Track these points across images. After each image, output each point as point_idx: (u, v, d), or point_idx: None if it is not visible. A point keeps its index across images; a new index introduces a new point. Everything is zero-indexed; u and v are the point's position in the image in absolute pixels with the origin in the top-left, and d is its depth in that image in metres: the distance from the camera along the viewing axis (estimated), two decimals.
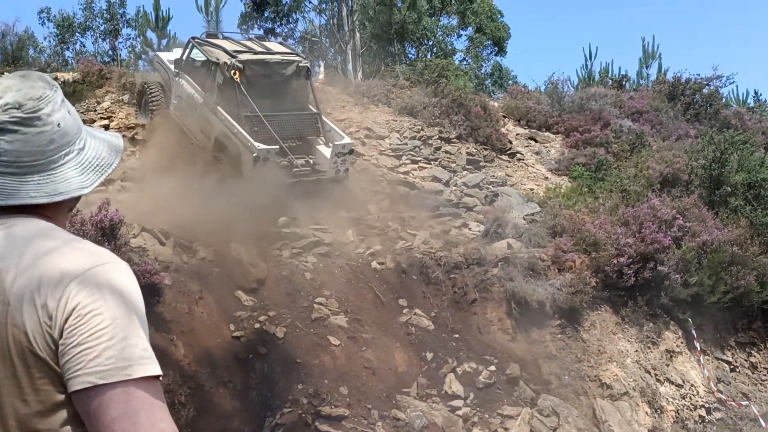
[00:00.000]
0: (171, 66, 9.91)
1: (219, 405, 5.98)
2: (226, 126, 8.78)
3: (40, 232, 1.41)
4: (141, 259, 6.31)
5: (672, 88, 15.65)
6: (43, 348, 1.30)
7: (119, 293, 1.33)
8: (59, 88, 1.51)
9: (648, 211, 8.72)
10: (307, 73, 9.62)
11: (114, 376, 1.26)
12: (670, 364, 8.16)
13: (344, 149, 9.11)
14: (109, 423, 1.25)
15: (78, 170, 1.48)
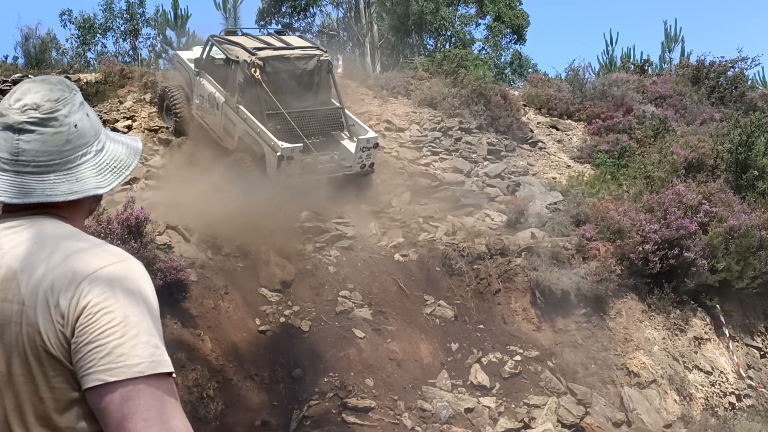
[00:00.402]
0: (191, 65, 9.89)
1: (247, 398, 6.06)
2: (248, 125, 8.74)
3: (55, 233, 1.44)
4: (167, 256, 6.41)
5: (696, 72, 15.37)
6: (57, 347, 1.32)
7: (131, 291, 1.35)
8: (78, 91, 1.54)
9: (673, 197, 8.61)
10: (329, 66, 9.50)
11: (125, 373, 1.28)
12: (699, 351, 8.07)
13: (369, 143, 8.99)
14: (121, 420, 1.27)
15: (95, 171, 1.51)
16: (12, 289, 1.37)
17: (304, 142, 8.59)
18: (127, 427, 1.27)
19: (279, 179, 8.31)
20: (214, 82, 9.48)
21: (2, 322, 1.36)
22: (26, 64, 15.20)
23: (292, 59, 9.17)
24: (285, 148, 8.24)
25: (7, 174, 1.45)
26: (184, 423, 1.32)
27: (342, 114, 9.40)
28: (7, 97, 1.49)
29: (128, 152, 1.60)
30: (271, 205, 8.03)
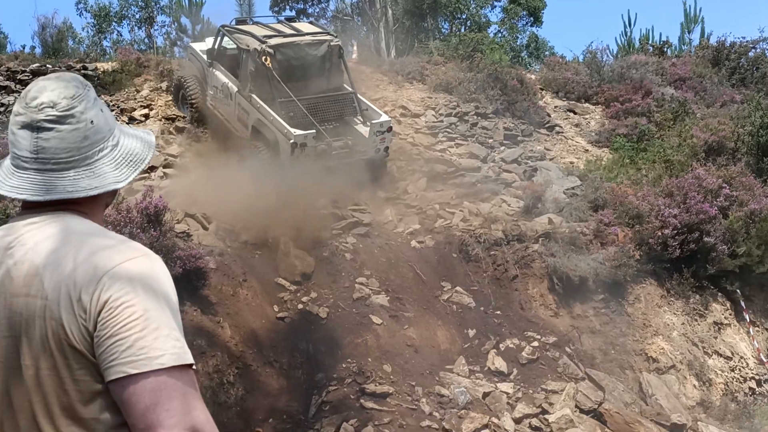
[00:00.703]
0: (204, 56, 9.88)
1: (266, 384, 6.13)
2: (261, 113, 8.73)
3: (79, 230, 1.47)
4: (186, 244, 6.46)
5: (716, 53, 15.10)
6: (80, 340, 1.36)
7: (151, 286, 1.38)
8: (91, 87, 1.57)
9: (693, 181, 8.51)
10: (340, 51, 9.46)
11: (147, 365, 1.31)
12: (719, 336, 8.01)
13: (382, 127, 8.95)
14: (143, 411, 1.31)
15: (112, 165, 1.54)
16: (35, 285, 1.40)
17: (318, 129, 8.57)
18: (149, 418, 1.30)
19: (293, 167, 8.28)
20: (226, 72, 9.47)
21: (27, 317, 1.39)
22: (43, 53, 15.30)
23: (302, 46, 9.14)
24: (298, 135, 8.22)
25: (28, 172, 1.48)
26: (204, 413, 1.35)
27: (355, 99, 9.36)
28: (22, 97, 1.52)
29: (143, 146, 1.63)
30: (286, 192, 8.05)
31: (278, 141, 8.50)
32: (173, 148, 9.42)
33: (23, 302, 1.40)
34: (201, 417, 1.34)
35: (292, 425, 5.74)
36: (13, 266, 1.44)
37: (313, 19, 18.30)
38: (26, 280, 1.41)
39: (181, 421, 1.31)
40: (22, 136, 1.48)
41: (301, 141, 8.25)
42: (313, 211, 8.11)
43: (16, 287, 1.42)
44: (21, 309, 1.40)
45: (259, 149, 8.73)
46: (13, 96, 10.11)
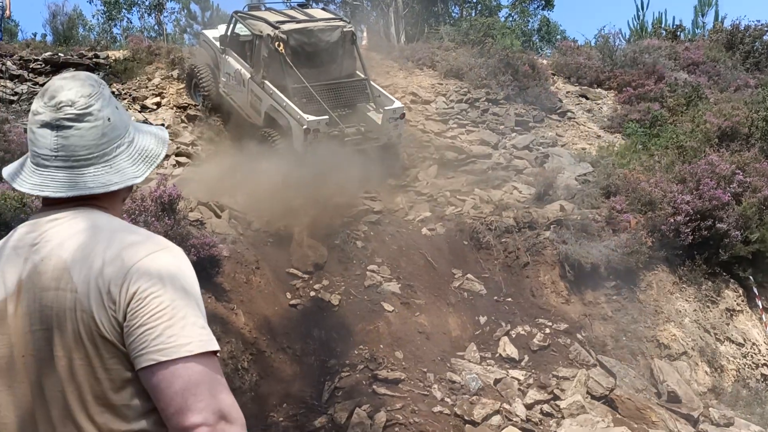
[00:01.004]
0: (217, 43, 9.87)
1: (280, 370, 6.20)
2: (274, 100, 8.73)
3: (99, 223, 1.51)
4: (199, 232, 6.52)
5: (730, 37, 14.91)
6: (110, 331, 1.41)
7: (175, 276, 1.44)
8: (106, 86, 1.61)
9: (706, 167, 8.46)
10: (353, 37, 9.39)
11: (176, 353, 1.37)
12: (731, 322, 8.00)
13: (395, 113, 8.94)
14: (173, 396, 1.36)
15: (130, 161, 1.58)
16: (65, 279, 1.44)
17: (330, 115, 8.57)
18: (179, 403, 1.36)
19: (306, 153, 8.29)
20: (239, 59, 9.45)
21: (58, 310, 1.44)
22: (54, 41, 15.36)
23: (315, 31, 9.12)
24: (311, 121, 8.23)
25: (49, 169, 1.52)
26: (230, 397, 1.41)
27: (367, 85, 9.35)
28: (39, 96, 1.55)
29: (157, 142, 1.67)
30: (299, 180, 8.07)
31: (291, 127, 8.50)
32: (185, 137, 9.46)
33: (53, 296, 1.44)
34: (227, 401, 1.40)
35: (306, 410, 5.81)
36: (41, 262, 1.48)
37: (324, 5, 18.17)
38: (55, 275, 1.45)
39: (209, 405, 1.37)
40: (42, 135, 1.52)
41: (315, 127, 8.25)
42: (326, 198, 8.13)
43: (45, 282, 1.46)
44: (51, 302, 1.44)
45: (272, 136, 8.72)
46: (25, 85, 10.17)
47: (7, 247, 1.55)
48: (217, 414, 1.37)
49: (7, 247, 1.55)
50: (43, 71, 10.75)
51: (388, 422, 5.50)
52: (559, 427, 5.84)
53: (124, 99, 10.13)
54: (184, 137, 9.44)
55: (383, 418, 5.53)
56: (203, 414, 1.36)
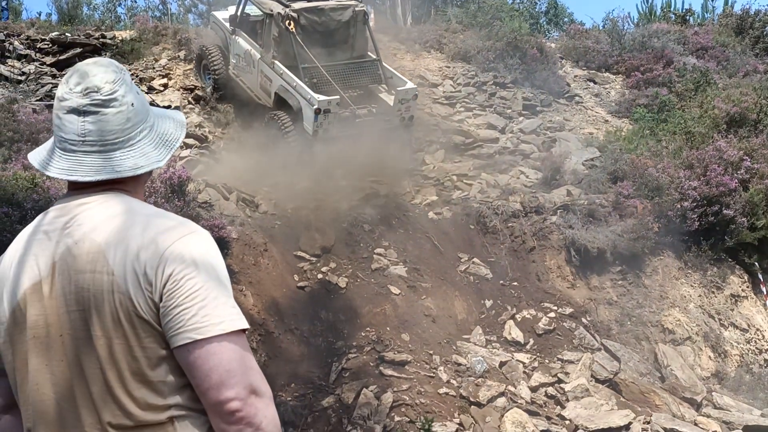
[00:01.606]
0: (227, 24, 9.78)
1: (288, 351, 6.26)
2: (284, 80, 8.62)
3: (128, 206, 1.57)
4: (208, 214, 6.56)
5: (740, 21, 14.79)
6: (147, 311, 1.48)
7: (206, 259, 1.51)
8: (127, 72, 1.66)
9: (713, 153, 8.46)
10: (365, 17, 9.24)
11: (210, 331, 1.45)
12: (735, 308, 8.04)
13: (408, 95, 8.78)
14: (208, 371, 1.45)
15: (152, 145, 1.63)
16: (100, 261, 1.50)
17: (341, 96, 8.45)
18: (213, 378, 1.45)
19: (316, 134, 8.22)
20: (249, 39, 9.35)
21: (95, 292, 1.50)
22: (59, 20, 15.33)
23: (326, 10, 9.01)
24: (322, 101, 8.12)
25: (76, 154, 1.57)
26: (259, 372, 1.51)
27: (379, 66, 9.21)
28: (64, 83, 1.60)
29: (175, 126, 1.73)
30: (307, 162, 8.08)
31: (301, 107, 8.39)
32: (192, 118, 9.47)
33: (89, 278, 1.50)
34: (256, 376, 1.50)
35: (314, 390, 5.88)
36: (74, 245, 1.53)
37: None
38: (90, 258, 1.51)
39: (241, 380, 1.46)
40: (69, 120, 1.56)
41: (325, 107, 8.14)
42: (333, 181, 8.15)
43: (80, 264, 1.51)
44: (88, 284, 1.50)
45: (280, 117, 8.62)
46: (33, 65, 10.17)
47: (38, 231, 1.60)
48: (248, 388, 1.47)
49: (38, 231, 1.60)
50: (50, 51, 10.74)
51: (394, 403, 5.57)
52: (564, 410, 5.90)
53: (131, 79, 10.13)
54: (192, 118, 9.44)
55: (390, 398, 5.59)
56: (236, 389, 1.45)
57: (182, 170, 6.22)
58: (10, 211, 4.66)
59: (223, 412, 1.46)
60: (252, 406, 1.47)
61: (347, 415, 5.50)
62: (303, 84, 8.38)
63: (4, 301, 1.58)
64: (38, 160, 1.64)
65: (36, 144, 6.45)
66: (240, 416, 1.46)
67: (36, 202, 4.77)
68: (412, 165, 9.12)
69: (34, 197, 4.80)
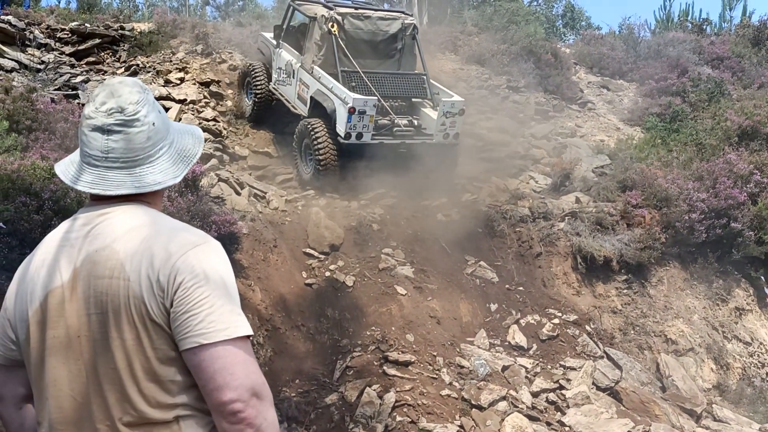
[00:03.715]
0: (273, 41, 9.58)
1: (293, 347, 6.35)
2: (322, 83, 8.30)
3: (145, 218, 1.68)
4: (220, 209, 6.65)
5: (757, 33, 14.75)
6: (159, 315, 1.59)
7: (215, 269, 1.62)
8: (150, 92, 1.77)
9: (723, 166, 8.46)
10: (414, 31, 8.81)
11: (216, 336, 1.57)
12: (739, 321, 8.06)
13: (454, 108, 8.26)
14: (212, 374, 1.56)
15: (171, 162, 1.75)
16: (117, 268, 1.61)
17: (381, 103, 8.08)
18: (217, 381, 1.56)
19: (348, 137, 7.84)
20: (291, 49, 9.15)
21: (112, 296, 1.61)
22: (78, 8, 15.52)
23: (373, 18, 8.64)
24: (357, 99, 7.74)
25: (99, 169, 1.69)
26: (261, 377, 1.61)
27: (426, 80, 8.75)
28: (91, 101, 1.72)
29: (193, 141, 1.84)
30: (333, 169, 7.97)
31: (335, 108, 8.02)
32: (207, 113, 9.56)
33: (107, 284, 1.62)
34: (258, 380, 1.60)
35: (317, 387, 5.96)
36: (95, 253, 1.65)
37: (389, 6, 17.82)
38: (109, 265, 1.62)
39: (243, 383, 1.56)
40: (94, 138, 1.69)
41: (360, 107, 7.72)
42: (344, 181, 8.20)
43: (99, 271, 1.63)
44: (106, 289, 1.62)
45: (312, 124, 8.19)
46: (52, 54, 10.30)
47: (60, 239, 1.72)
48: (250, 391, 1.57)
49: (61, 238, 1.72)
50: (70, 41, 10.88)
51: (397, 403, 5.65)
52: (564, 416, 5.96)
53: (148, 72, 10.24)
54: (207, 113, 9.54)
55: (392, 398, 5.67)
56: (238, 391, 1.55)
57: (196, 165, 6.31)
58: (27, 201, 4.75)
59: (226, 413, 1.56)
60: (253, 408, 1.56)
61: (350, 413, 5.58)
62: (340, 84, 8.06)
63: (29, 301, 1.70)
64: (66, 174, 1.76)
65: (53, 133, 6.57)
66: (241, 417, 1.55)
67: (53, 192, 4.86)
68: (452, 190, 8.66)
69: (51, 187, 4.89)
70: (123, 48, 11.02)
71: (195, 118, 9.26)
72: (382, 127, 8.11)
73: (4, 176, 4.85)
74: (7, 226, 4.54)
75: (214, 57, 10.80)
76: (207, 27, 11.58)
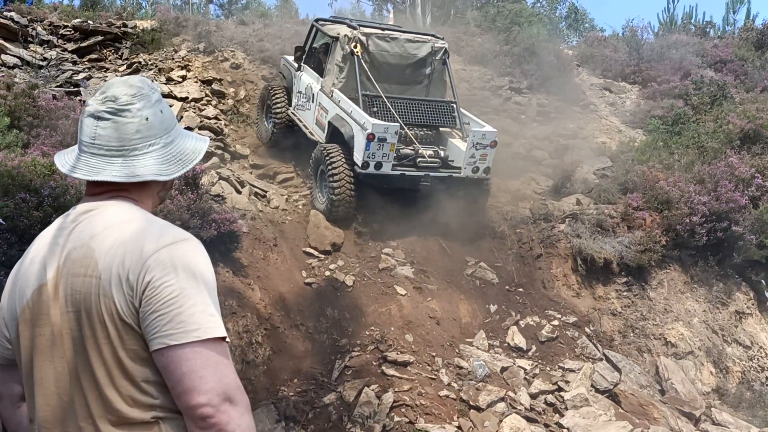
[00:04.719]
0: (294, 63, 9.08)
1: (292, 346, 6.35)
2: (341, 107, 7.67)
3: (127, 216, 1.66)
4: (220, 207, 6.65)
5: (760, 36, 14.72)
6: (129, 314, 1.56)
7: (188, 267, 1.57)
8: (157, 91, 1.77)
9: (725, 169, 8.45)
10: (445, 55, 8.23)
11: (184, 338, 1.52)
12: (739, 325, 8.04)
13: (485, 139, 7.50)
14: (180, 377, 1.52)
15: (160, 160, 1.72)
16: (91, 266, 1.60)
17: (404, 131, 7.45)
18: (185, 384, 1.51)
19: (366, 166, 7.16)
20: (312, 72, 8.62)
21: (85, 294, 1.60)
22: (82, 5, 15.54)
23: (400, 40, 8.00)
24: (376, 125, 7.04)
25: (85, 155, 1.70)
26: (235, 381, 1.55)
27: (456, 109, 8.04)
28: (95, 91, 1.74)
29: (194, 148, 1.81)
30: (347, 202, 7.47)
31: (353, 135, 7.34)
32: (209, 111, 9.56)
33: (81, 281, 1.60)
34: (232, 384, 1.53)
35: (316, 386, 5.96)
36: (73, 249, 1.64)
37: None
38: (84, 262, 1.61)
39: (214, 387, 1.50)
40: (87, 124, 1.71)
41: (380, 133, 7.02)
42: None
43: (75, 268, 1.62)
44: (80, 287, 1.60)
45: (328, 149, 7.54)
46: (54, 51, 10.30)
47: (51, 236, 1.72)
48: (221, 396, 1.51)
49: (52, 235, 1.72)
50: (72, 38, 10.89)
51: (395, 403, 5.64)
52: (562, 418, 5.95)
53: (150, 70, 10.24)
54: (208, 111, 9.54)
55: (390, 398, 5.66)
56: (208, 395, 1.49)
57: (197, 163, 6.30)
58: (27, 197, 4.75)
59: (195, 417, 1.50)
60: (225, 413, 1.50)
61: (348, 412, 5.58)
62: (359, 109, 7.40)
63: (19, 299, 1.70)
64: (60, 159, 1.77)
65: (54, 130, 6.58)
66: (212, 422, 1.49)
67: (53, 189, 4.86)
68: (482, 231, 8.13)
69: (51, 184, 4.89)
70: (125, 45, 11.02)
71: (196, 116, 9.26)
72: (405, 157, 7.50)
73: (4, 172, 4.85)
74: (6, 222, 4.55)
75: (217, 55, 10.80)
76: (209, 25, 11.58)
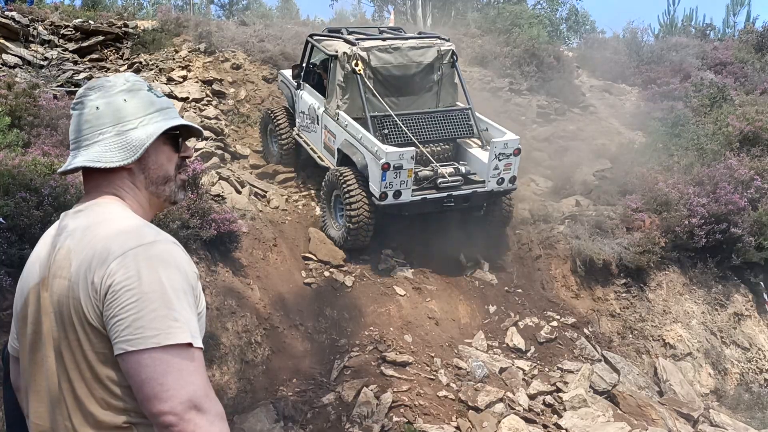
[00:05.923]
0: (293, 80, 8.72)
1: (292, 346, 6.37)
2: (349, 133, 7.25)
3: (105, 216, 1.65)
4: (221, 207, 6.66)
5: (760, 38, 14.75)
6: (95, 318, 1.54)
7: (155, 269, 1.51)
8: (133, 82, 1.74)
9: (724, 171, 8.46)
10: (453, 58, 7.77)
11: (142, 344, 1.47)
12: (738, 327, 8.05)
13: (507, 148, 7.09)
14: (140, 384, 1.47)
15: (116, 148, 1.68)
16: (66, 267, 1.60)
17: (419, 149, 7.06)
18: (146, 391, 1.47)
19: (384, 197, 6.80)
20: (313, 92, 8.17)
21: (60, 296, 1.60)
22: (83, 4, 15.59)
23: (404, 50, 7.56)
24: (391, 153, 6.63)
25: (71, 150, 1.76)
26: (204, 389, 1.49)
27: (471, 116, 7.61)
28: None
29: (150, 132, 1.71)
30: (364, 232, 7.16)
31: (367, 164, 6.93)
32: (209, 111, 9.57)
33: (59, 283, 1.61)
34: (199, 392, 1.47)
35: (315, 386, 5.97)
36: (56, 251, 1.66)
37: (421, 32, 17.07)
38: (62, 264, 1.62)
39: (176, 394, 1.44)
40: None
41: (396, 161, 6.65)
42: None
43: (56, 269, 1.63)
44: (57, 289, 1.61)
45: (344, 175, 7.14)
46: (55, 51, 10.32)
47: (50, 235, 1.74)
48: (186, 404, 1.44)
49: (50, 235, 1.74)
50: (73, 38, 10.90)
51: (393, 403, 5.65)
52: (560, 419, 5.97)
53: (151, 70, 10.25)
54: (209, 111, 9.55)
55: (389, 398, 5.68)
56: (170, 403, 1.44)
57: (197, 163, 6.32)
58: (27, 197, 4.76)
59: (160, 425, 1.46)
60: (190, 422, 1.44)
61: (346, 412, 5.59)
62: (370, 135, 6.96)
63: (20, 298, 1.73)
64: None
65: (55, 129, 6.59)
66: (176, 431, 1.44)
67: (53, 188, 4.87)
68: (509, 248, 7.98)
69: (51, 183, 4.90)
70: (126, 45, 11.04)
71: (197, 116, 9.27)
72: (424, 179, 7.11)
73: (4, 172, 4.86)
74: (6, 221, 4.56)
75: (217, 56, 10.81)
76: (210, 25, 11.59)
